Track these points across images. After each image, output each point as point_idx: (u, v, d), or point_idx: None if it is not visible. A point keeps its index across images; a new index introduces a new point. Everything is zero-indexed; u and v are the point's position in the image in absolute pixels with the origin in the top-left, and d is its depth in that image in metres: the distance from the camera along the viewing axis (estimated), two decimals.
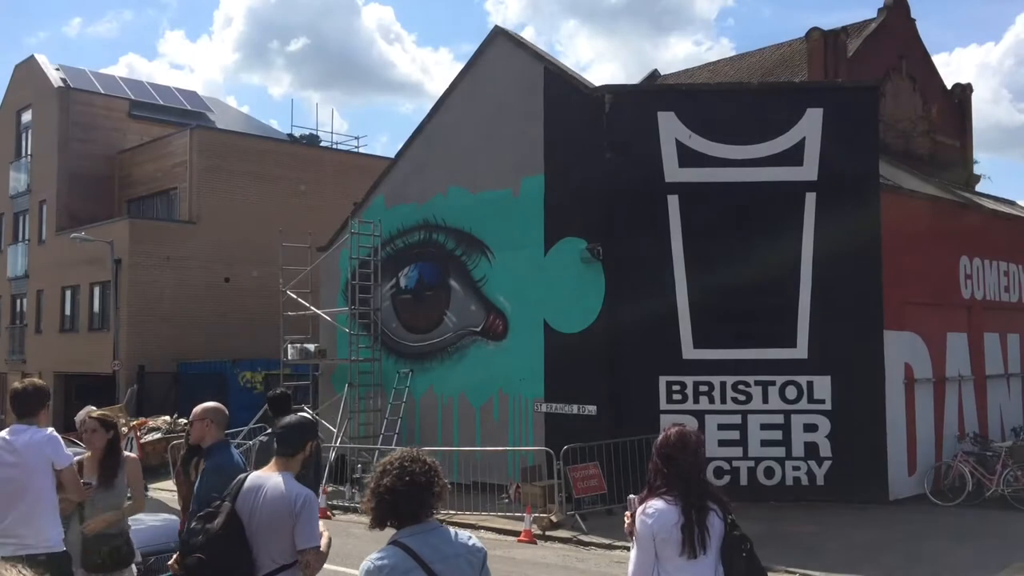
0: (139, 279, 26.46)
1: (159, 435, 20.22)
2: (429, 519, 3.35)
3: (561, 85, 15.73)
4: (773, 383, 13.99)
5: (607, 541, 11.74)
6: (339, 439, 17.06)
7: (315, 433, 4.82)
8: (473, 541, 3.40)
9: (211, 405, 6.05)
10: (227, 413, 6.05)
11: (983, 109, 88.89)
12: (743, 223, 14.09)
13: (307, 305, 19.31)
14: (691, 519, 3.87)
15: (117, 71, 56.10)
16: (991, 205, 20.07)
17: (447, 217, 17.30)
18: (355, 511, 14.23)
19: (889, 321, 14.20)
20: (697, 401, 14.04)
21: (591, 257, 14.65)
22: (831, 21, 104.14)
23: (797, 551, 10.88)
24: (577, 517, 12.75)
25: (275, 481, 4.40)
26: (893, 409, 14.19)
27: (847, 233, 13.95)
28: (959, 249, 16.34)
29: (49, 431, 5.25)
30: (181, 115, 32.50)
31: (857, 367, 13.96)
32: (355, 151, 33.56)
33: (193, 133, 28.50)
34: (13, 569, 1.92)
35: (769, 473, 13.94)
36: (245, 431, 17.23)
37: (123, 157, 31.11)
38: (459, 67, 22.09)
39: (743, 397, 14.02)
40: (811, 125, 14.15)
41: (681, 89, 19.16)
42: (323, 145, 32.76)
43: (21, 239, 33.25)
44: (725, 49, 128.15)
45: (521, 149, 15.98)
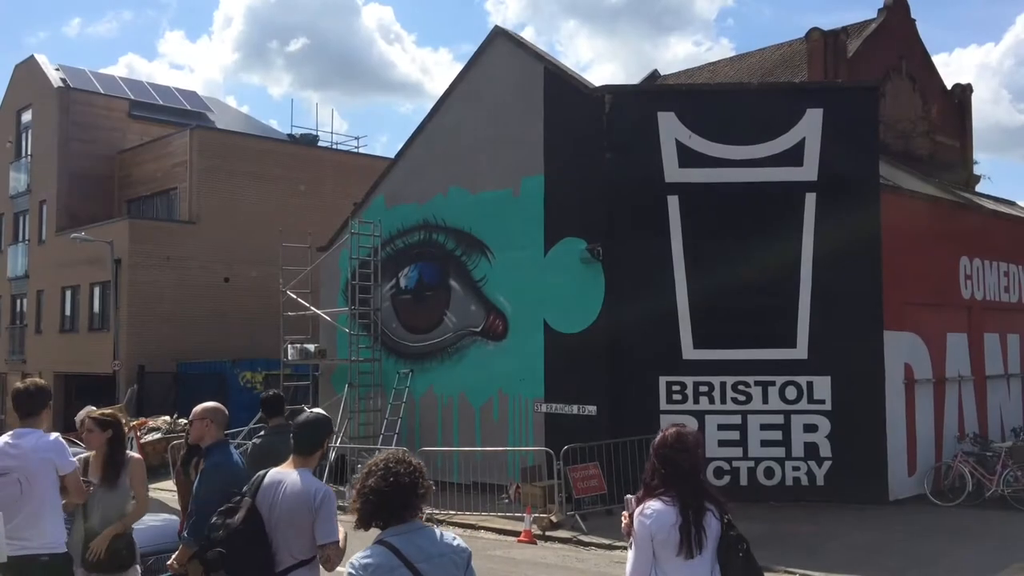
0: (139, 279, 26.47)
1: (159, 435, 20.22)
2: (414, 519, 3.37)
3: (561, 85, 15.74)
4: (773, 383, 13.99)
5: (607, 541, 11.74)
6: (339, 439, 17.03)
7: (331, 430, 4.88)
8: (458, 542, 3.42)
9: (210, 405, 6.05)
10: (227, 413, 6.04)
11: (983, 109, 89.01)
12: (743, 223, 14.09)
13: (307, 305, 19.31)
14: (688, 519, 3.88)
15: (117, 71, 56.13)
16: (991, 205, 20.07)
17: (447, 217, 17.30)
18: None
19: (889, 321, 14.20)
20: (697, 401, 14.04)
21: (591, 257, 14.64)
22: (831, 21, 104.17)
23: (797, 551, 10.88)
24: (577, 517, 12.75)
25: (294, 477, 4.47)
26: (893, 409, 14.19)
27: (847, 233, 13.95)
28: (959, 249, 16.34)
29: (54, 436, 5.22)
30: (181, 115, 32.51)
31: (857, 367, 13.97)
32: (355, 151, 33.58)
33: (193, 133, 28.51)
34: None
35: (769, 473, 13.95)
36: (245, 431, 17.23)
37: (123, 157, 31.12)
38: (459, 67, 22.12)
39: (743, 397, 14.03)
40: (811, 125, 14.16)
41: (681, 89, 19.20)
42: (323, 145, 32.75)
43: (21, 239, 33.27)
44: (725, 49, 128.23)
45: (521, 149, 15.98)
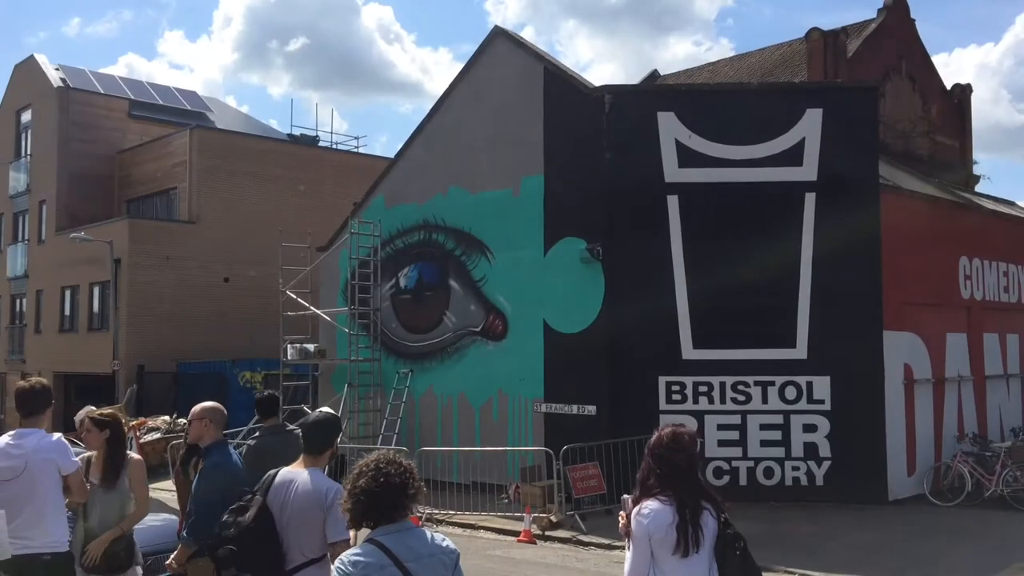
0: (139, 279, 26.47)
1: (158, 435, 20.22)
2: (405, 519, 3.40)
3: (561, 85, 15.73)
4: (772, 383, 13.99)
5: (606, 541, 11.74)
6: (339, 439, 17.02)
7: (340, 430, 4.96)
8: (447, 542, 3.45)
9: (209, 405, 6.04)
10: (225, 413, 6.03)
11: (982, 109, 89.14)
12: (743, 223, 14.09)
13: (307, 305, 19.31)
14: (685, 518, 3.90)
15: (116, 71, 56.17)
16: (990, 205, 20.07)
17: (447, 217, 17.30)
18: None
19: (888, 321, 14.20)
20: (697, 401, 14.04)
21: (591, 257, 14.64)
22: (831, 21, 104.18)
23: (796, 551, 10.88)
24: (576, 517, 12.75)
25: (305, 476, 4.54)
26: (892, 409, 14.19)
27: (847, 233, 13.95)
28: (958, 249, 16.34)
29: (56, 436, 5.21)
30: (181, 115, 32.51)
31: (856, 367, 13.97)
32: (355, 151, 33.58)
33: (193, 133, 28.51)
34: None
35: (768, 473, 13.94)
36: (244, 431, 17.22)
37: (123, 157, 31.11)
38: (459, 67, 22.11)
39: (742, 397, 14.03)
40: (811, 125, 14.16)
41: (681, 89, 19.19)
42: (323, 145, 32.75)
43: (21, 239, 33.28)
44: (725, 49, 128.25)
45: (521, 149, 15.98)
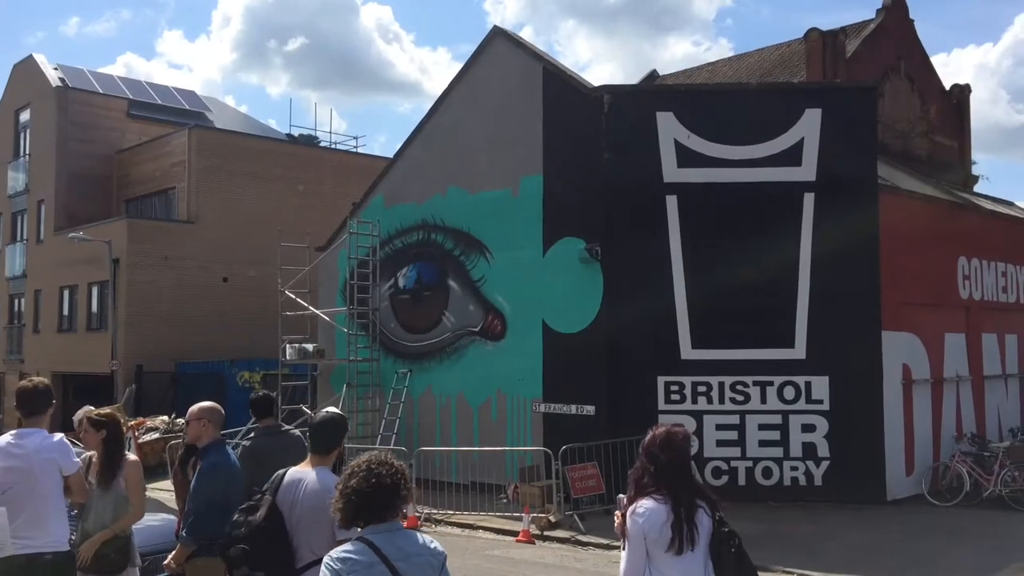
0: (137, 279, 26.45)
1: (157, 435, 20.21)
2: (395, 520, 3.46)
3: (560, 85, 15.74)
4: (771, 383, 13.99)
5: (605, 541, 11.74)
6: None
7: (346, 429, 5.04)
8: (434, 544, 3.50)
9: (207, 405, 6.03)
10: (223, 413, 6.03)
11: (981, 110, 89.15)
12: (742, 223, 14.09)
13: (305, 305, 19.30)
14: (680, 517, 3.93)
15: (115, 71, 56.17)
16: (989, 206, 20.09)
17: (446, 217, 17.29)
18: None
19: (887, 321, 14.21)
20: (695, 401, 14.04)
21: (590, 257, 14.64)
22: (830, 22, 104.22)
23: (795, 551, 10.89)
24: (575, 517, 12.75)
25: (313, 475, 4.61)
26: (891, 409, 14.20)
27: (845, 233, 13.97)
28: (957, 250, 16.35)
29: (58, 437, 5.20)
30: (179, 115, 32.49)
31: (855, 367, 13.98)
32: (354, 151, 33.56)
33: (191, 133, 28.48)
34: None
35: (767, 473, 13.95)
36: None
37: (121, 157, 31.09)
38: (458, 67, 22.11)
39: (741, 397, 14.03)
40: (810, 126, 14.16)
41: (680, 89, 19.20)
42: (322, 145, 32.73)
43: (19, 239, 33.25)
44: (724, 49, 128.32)
45: (520, 149, 15.98)
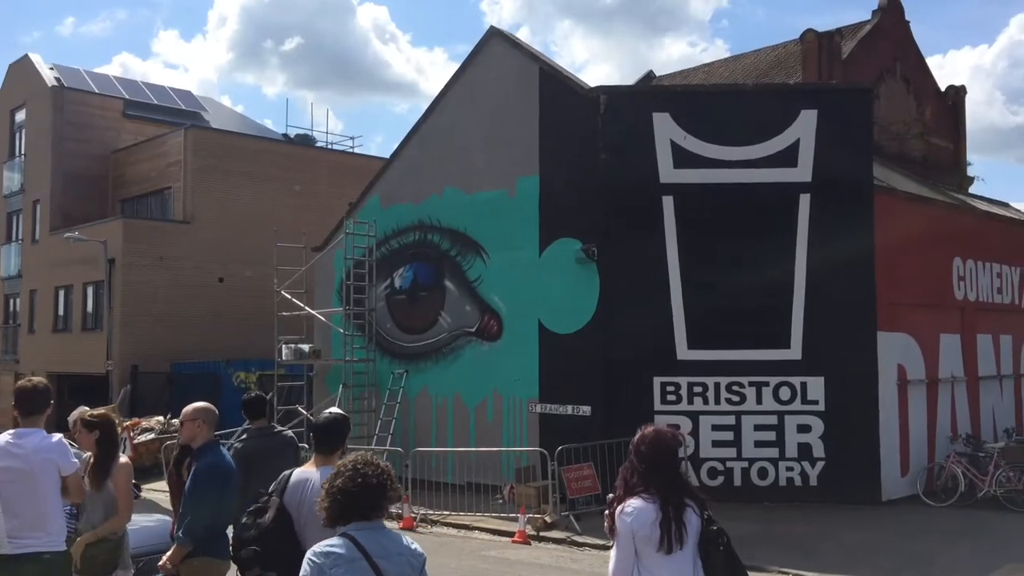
0: (133, 279, 26.41)
1: (152, 435, 20.18)
2: (380, 519, 3.51)
3: (556, 86, 15.75)
4: (767, 384, 14.01)
5: (601, 542, 11.73)
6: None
7: (349, 429, 5.10)
8: (415, 546, 3.56)
9: (201, 405, 6.02)
10: (217, 413, 6.02)
11: (976, 111, 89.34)
12: (737, 224, 14.12)
13: (301, 305, 19.28)
14: (668, 516, 3.94)
15: (111, 70, 56.07)
16: (984, 207, 20.15)
17: (442, 217, 17.29)
18: None
19: (882, 322, 14.24)
20: (691, 402, 14.06)
21: (586, 258, 14.66)
22: (825, 23, 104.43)
23: (790, 552, 10.91)
24: (571, 518, 12.76)
25: (319, 476, 4.62)
26: (886, 410, 14.22)
27: (841, 235, 14.02)
28: (952, 251, 16.39)
29: (57, 437, 5.20)
30: (175, 115, 32.44)
31: (850, 368, 14.00)
32: (350, 151, 33.54)
33: (187, 133, 28.45)
34: None
35: (763, 474, 13.97)
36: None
37: (117, 157, 31.04)
38: (454, 67, 22.13)
39: (737, 398, 14.05)
40: (805, 127, 14.19)
41: (676, 90, 19.22)
42: (318, 145, 32.70)
43: (15, 239, 33.20)
44: (720, 50, 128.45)
45: (516, 150, 15.98)
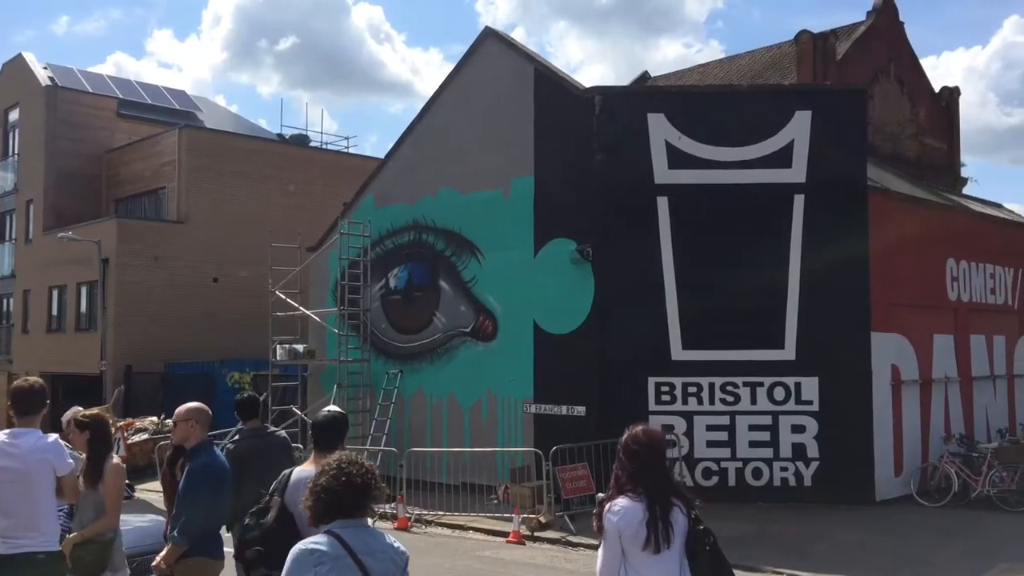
0: (127, 279, 26.32)
1: (146, 436, 20.11)
2: (364, 518, 3.53)
3: (551, 86, 15.75)
4: (761, 384, 14.03)
5: (595, 542, 11.60)
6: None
7: (348, 427, 5.12)
8: (399, 545, 3.59)
9: (194, 405, 6.02)
10: (210, 413, 6.02)
11: (970, 112, 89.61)
12: (732, 225, 14.13)
13: (296, 306, 19.25)
14: (655, 515, 3.95)
15: (105, 70, 55.79)
16: (978, 208, 20.21)
17: (437, 218, 17.28)
18: None
19: (876, 323, 14.27)
20: (686, 402, 14.08)
21: (581, 258, 14.66)
22: (820, 24, 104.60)
23: (785, 552, 10.93)
24: (566, 518, 12.76)
25: None
26: (880, 410, 14.26)
27: (835, 235, 14.04)
28: (946, 251, 16.43)
29: (53, 437, 5.20)
30: (169, 114, 32.36)
31: (845, 368, 14.03)
32: (345, 151, 33.49)
33: (182, 132, 28.38)
34: None
35: (757, 474, 13.98)
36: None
37: (111, 156, 30.95)
38: (449, 67, 22.10)
39: (731, 398, 14.07)
40: (800, 127, 14.21)
41: (671, 91, 19.25)
42: (312, 145, 32.64)
43: (8, 238, 33.07)
44: (715, 51, 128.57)
45: (511, 150, 15.98)
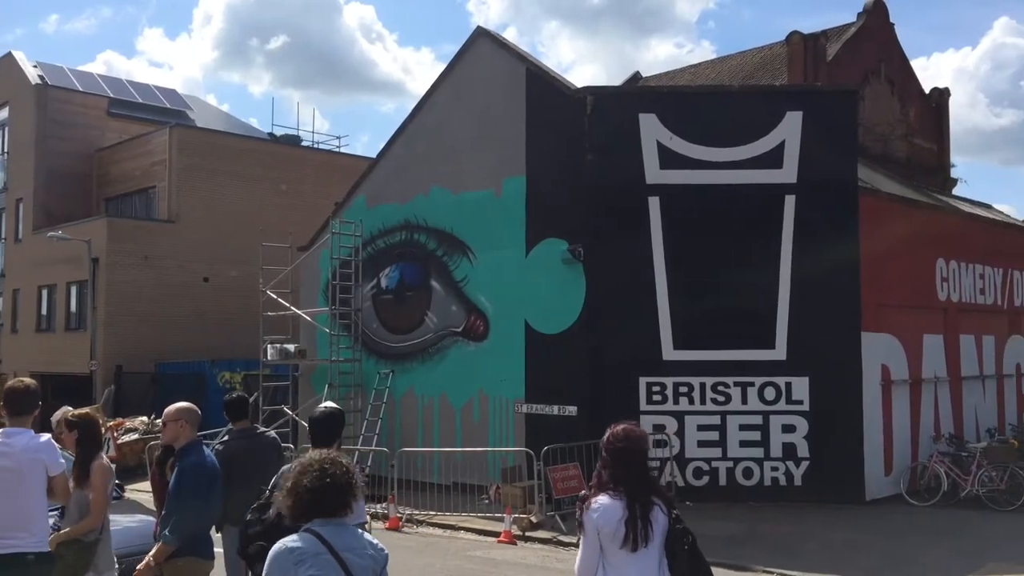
0: (117, 278, 26.24)
1: (136, 436, 20.05)
2: (344, 517, 3.54)
3: (543, 86, 15.75)
4: (752, 384, 14.07)
5: None
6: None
7: (344, 423, 5.21)
8: (378, 544, 3.60)
9: (183, 405, 6.02)
10: (200, 413, 6.02)
11: (960, 113, 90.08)
12: (723, 225, 14.16)
13: (287, 305, 19.21)
14: (635, 513, 3.97)
15: (95, 68, 55.63)
16: (967, 208, 20.31)
17: (429, 217, 17.27)
18: None
19: (867, 323, 14.31)
20: (677, 402, 14.10)
21: (572, 258, 14.67)
22: (811, 25, 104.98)
23: (775, 551, 10.95)
24: (557, 518, 12.76)
25: None
26: (870, 410, 14.31)
27: (826, 235, 14.09)
28: (936, 252, 16.50)
29: (45, 438, 5.20)
30: (160, 113, 32.27)
31: (835, 368, 14.07)
32: (336, 151, 33.44)
33: (172, 131, 28.30)
34: None
35: (747, 474, 14.02)
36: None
37: (101, 155, 30.84)
38: (441, 67, 22.10)
39: (722, 398, 14.10)
40: (791, 128, 14.25)
41: (662, 91, 19.29)
42: (304, 144, 32.60)
43: None
44: (706, 52, 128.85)
45: (503, 150, 15.98)
